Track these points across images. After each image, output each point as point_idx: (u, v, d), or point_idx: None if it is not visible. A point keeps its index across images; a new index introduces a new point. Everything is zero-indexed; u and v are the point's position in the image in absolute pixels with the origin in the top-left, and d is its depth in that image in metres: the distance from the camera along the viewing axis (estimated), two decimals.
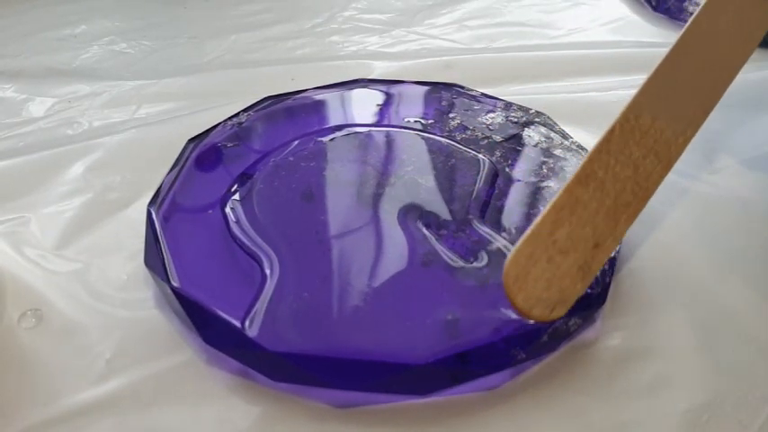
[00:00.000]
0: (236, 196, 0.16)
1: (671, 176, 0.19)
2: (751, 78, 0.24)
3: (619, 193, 0.12)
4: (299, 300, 0.13)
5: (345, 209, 0.16)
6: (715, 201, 0.18)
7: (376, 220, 0.15)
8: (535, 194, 0.16)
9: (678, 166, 0.19)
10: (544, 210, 0.12)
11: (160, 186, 0.17)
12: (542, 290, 0.11)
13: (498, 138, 0.18)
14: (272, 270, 0.14)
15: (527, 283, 0.11)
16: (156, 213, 0.15)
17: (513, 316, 0.13)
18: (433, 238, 0.15)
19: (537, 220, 0.12)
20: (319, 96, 0.21)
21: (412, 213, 0.16)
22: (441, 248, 0.14)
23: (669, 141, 0.12)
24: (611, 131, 0.12)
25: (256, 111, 0.20)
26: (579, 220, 0.12)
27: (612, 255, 0.14)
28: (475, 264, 0.14)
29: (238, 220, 0.15)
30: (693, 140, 0.21)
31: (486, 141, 0.18)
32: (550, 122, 0.19)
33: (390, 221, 0.15)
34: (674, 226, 0.17)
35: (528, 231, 0.11)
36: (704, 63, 0.13)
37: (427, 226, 0.15)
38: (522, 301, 0.11)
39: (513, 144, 0.18)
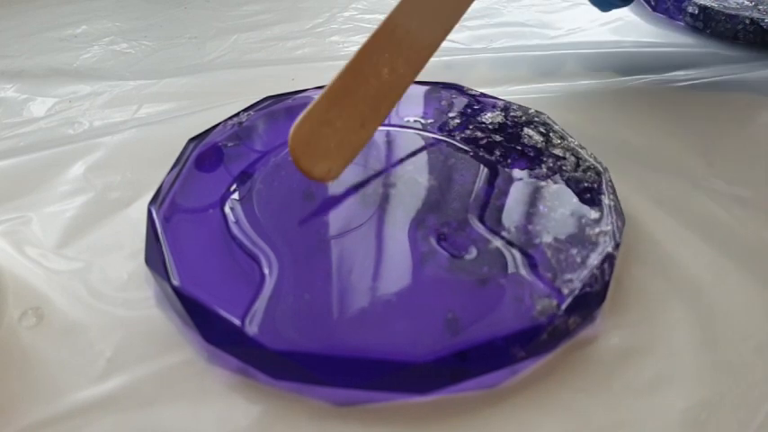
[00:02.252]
0: (236, 196, 0.16)
1: (671, 175, 0.19)
2: (751, 78, 0.24)
3: (379, 86, 0.15)
4: (299, 298, 0.13)
5: (345, 208, 0.16)
6: (714, 200, 0.18)
7: (375, 219, 0.15)
8: (534, 194, 0.16)
9: (676, 165, 0.19)
10: (320, 93, 0.15)
11: (161, 186, 0.17)
12: (320, 156, 0.15)
13: (498, 137, 0.19)
14: (270, 269, 0.14)
15: (308, 150, 0.14)
16: (157, 213, 0.15)
17: (513, 315, 0.13)
18: (433, 237, 0.15)
19: (314, 100, 0.15)
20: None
21: (411, 212, 0.16)
22: (440, 247, 0.15)
23: (419, 49, 0.16)
24: (373, 38, 0.15)
25: (257, 110, 0.20)
26: (349, 103, 0.15)
27: (612, 253, 0.14)
28: (474, 262, 0.14)
29: (238, 220, 0.15)
30: (693, 140, 0.21)
31: (485, 141, 0.18)
32: (550, 122, 0.19)
33: (390, 221, 0.15)
34: (674, 225, 0.17)
35: (306, 109, 0.14)
36: None
37: (427, 225, 0.15)
38: (304, 164, 0.14)
39: (513, 143, 0.18)
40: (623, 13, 0.30)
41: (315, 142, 0.14)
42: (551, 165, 0.17)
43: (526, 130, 0.19)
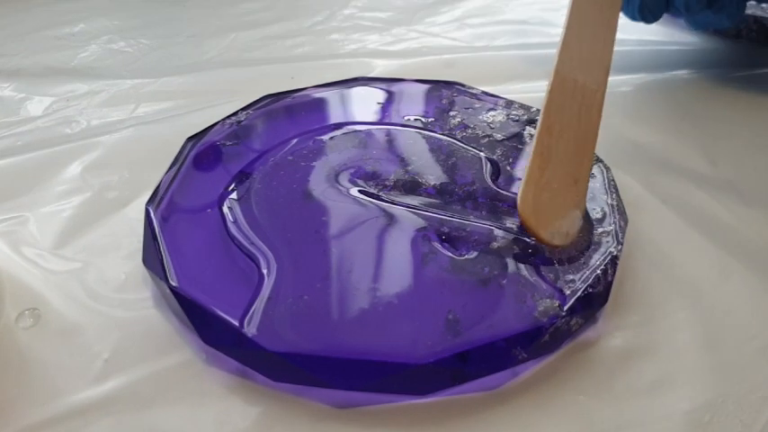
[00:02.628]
0: (234, 195, 0.16)
1: (672, 175, 0.19)
2: (752, 77, 0.24)
3: (574, 139, 0.15)
4: (297, 299, 0.13)
5: (344, 208, 0.16)
6: (715, 199, 0.18)
7: (375, 219, 0.15)
8: None
9: (679, 165, 0.19)
10: (528, 162, 0.15)
11: (158, 185, 0.17)
12: (552, 220, 0.14)
13: (499, 136, 0.18)
14: (269, 270, 0.14)
15: (540, 216, 0.14)
16: (155, 212, 0.15)
17: (515, 316, 0.13)
18: (433, 238, 0.15)
19: (526, 170, 0.15)
20: (319, 95, 0.20)
21: (411, 212, 0.16)
22: (441, 247, 0.14)
23: (591, 94, 0.16)
24: (550, 98, 0.16)
25: (255, 109, 0.20)
26: (556, 164, 0.15)
27: (615, 253, 0.14)
28: (475, 262, 0.14)
29: (236, 220, 0.15)
30: (694, 140, 0.21)
31: (486, 139, 0.18)
32: None
33: (390, 220, 0.15)
34: (676, 225, 0.17)
35: (524, 180, 0.15)
36: (593, 27, 0.17)
37: (427, 225, 0.15)
38: (542, 232, 0.14)
39: (515, 142, 0.18)
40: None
41: (542, 209, 0.14)
42: None
43: (528, 128, 0.19)
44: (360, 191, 0.16)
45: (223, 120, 0.19)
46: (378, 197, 0.16)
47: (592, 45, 0.17)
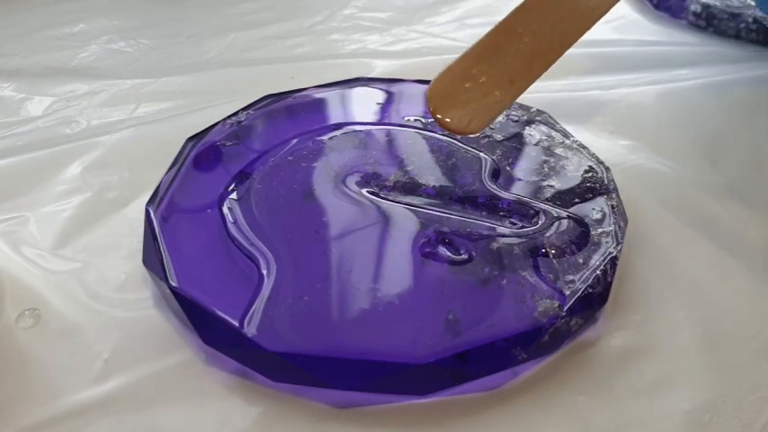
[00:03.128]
0: (234, 195, 0.16)
1: (672, 175, 0.19)
2: (752, 78, 0.24)
3: (536, 45, 0.14)
4: (297, 299, 0.13)
5: (344, 208, 0.16)
6: (716, 199, 0.18)
7: (375, 219, 0.15)
8: (536, 193, 0.16)
9: (678, 165, 0.19)
10: (466, 50, 0.14)
11: (159, 185, 0.17)
12: (460, 107, 0.14)
13: (499, 136, 0.18)
14: (268, 270, 0.14)
15: (445, 100, 0.14)
16: (155, 213, 0.15)
17: (515, 316, 0.13)
18: (433, 238, 0.15)
19: (459, 56, 0.14)
20: (319, 95, 0.20)
21: (411, 212, 0.16)
22: (441, 248, 0.14)
23: (586, 10, 0.14)
24: None
25: (256, 109, 0.20)
26: (498, 61, 0.14)
27: (614, 254, 0.14)
28: (475, 263, 0.14)
29: (236, 221, 0.15)
30: (693, 139, 0.21)
31: (486, 140, 0.18)
32: (551, 121, 0.19)
33: (390, 221, 0.15)
34: (675, 225, 0.17)
35: (449, 64, 0.14)
36: None
37: (427, 225, 0.15)
38: (442, 114, 0.14)
39: (514, 143, 0.18)
40: (625, 11, 0.30)
41: (455, 96, 0.14)
42: (553, 164, 0.17)
43: (527, 129, 0.19)
44: (360, 191, 0.16)
45: (223, 120, 0.19)
46: (378, 197, 0.16)
47: None
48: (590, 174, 0.17)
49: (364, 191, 0.16)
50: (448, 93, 0.14)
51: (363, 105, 0.20)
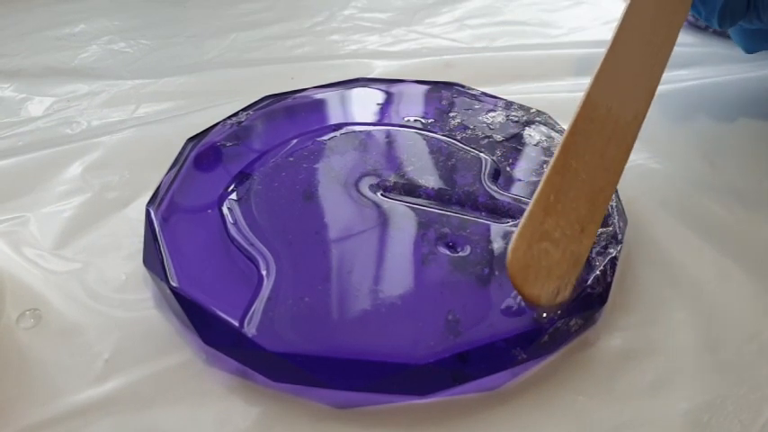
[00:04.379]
0: (234, 196, 0.16)
1: (672, 176, 0.19)
2: (751, 78, 0.24)
3: (592, 179, 0.13)
4: (297, 300, 0.13)
5: (344, 209, 0.16)
6: (715, 200, 0.18)
7: (375, 220, 0.15)
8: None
9: (678, 165, 0.19)
10: (530, 204, 0.13)
11: (159, 186, 0.17)
12: (544, 278, 0.13)
13: (499, 137, 0.18)
14: (268, 271, 0.14)
15: (529, 273, 0.12)
16: (155, 213, 0.15)
17: (514, 316, 0.13)
18: (434, 238, 0.15)
19: (525, 214, 0.13)
20: (319, 95, 0.21)
21: (411, 213, 0.16)
22: (441, 248, 0.14)
23: (624, 126, 0.14)
24: (574, 125, 0.14)
25: (256, 110, 0.20)
26: (564, 208, 0.13)
27: (614, 254, 0.14)
28: (476, 263, 0.14)
29: (236, 221, 0.15)
30: (694, 140, 0.21)
31: (486, 140, 0.18)
32: (551, 122, 0.19)
33: (390, 221, 0.15)
34: (675, 225, 0.17)
35: (520, 226, 0.13)
36: (641, 53, 0.15)
37: (427, 225, 0.15)
38: (528, 291, 0.12)
39: (514, 143, 0.18)
40: None
41: (535, 263, 0.12)
42: None
43: (527, 129, 0.19)
44: (360, 192, 0.16)
45: (223, 120, 0.19)
46: (378, 198, 0.16)
47: (637, 70, 0.14)
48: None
49: (364, 191, 0.16)
50: (529, 262, 0.12)
51: (363, 106, 0.20)
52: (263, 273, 0.14)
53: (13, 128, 0.22)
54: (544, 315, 0.13)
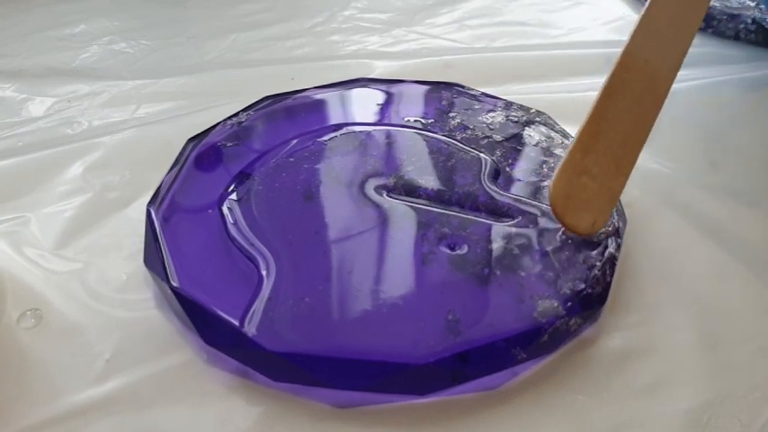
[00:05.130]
0: (234, 196, 0.16)
1: (672, 176, 0.19)
2: (751, 78, 0.24)
3: (627, 124, 0.15)
4: (298, 300, 0.13)
5: (344, 209, 0.16)
6: (715, 200, 0.18)
7: (375, 220, 0.15)
8: (536, 194, 0.16)
9: (678, 165, 0.19)
10: (571, 144, 0.14)
11: (160, 186, 0.17)
12: (583, 210, 0.14)
13: (499, 137, 0.18)
14: (268, 271, 0.14)
15: (569, 204, 0.14)
16: (156, 213, 0.15)
17: (514, 316, 0.13)
18: (434, 238, 0.15)
19: (567, 152, 0.14)
20: (319, 96, 0.21)
21: (411, 213, 0.16)
22: (441, 248, 0.14)
23: (660, 78, 0.15)
24: (614, 75, 0.15)
25: (256, 110, 0.20)
26: (602, 148, 0.14)
27: (613, 254, 0.14)
28: (476, 263, 0.14)
29: (236, 221, 0.15)
30: (694, 140, 0.21)
31: (486, 141, 0.18)
32: (551, 122, 0.19)
33: (390, 221, 0.15)
34: (675, 225, 0.17)
35: (562, 162, 0.14)
36: (678, 8, 0.15)
37: (427, 225, 0.15)
38: (569, 220, 0.14)
39: (514, 143, 0.18)
40: (625, 11, 0.30)
41: (575, 194, 0.14)
42: (552, 165, 0.17)
43: (527, 129, 0.19)
44: (359, 192, 0.16)
45: (224, 120, 0.19)
46: (378, 198, 0.16)
47: (674, 24, 0.15)
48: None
49: (364, 192, 0.16)
50: (569, 192, 0.14)
51: (363, 106, 0.20)
52: (263, 273, 0.14)
53: (13, 128, 0.22)
54: (546, 307, 0.13)
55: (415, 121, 0.19)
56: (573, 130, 0.19)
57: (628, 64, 0.15)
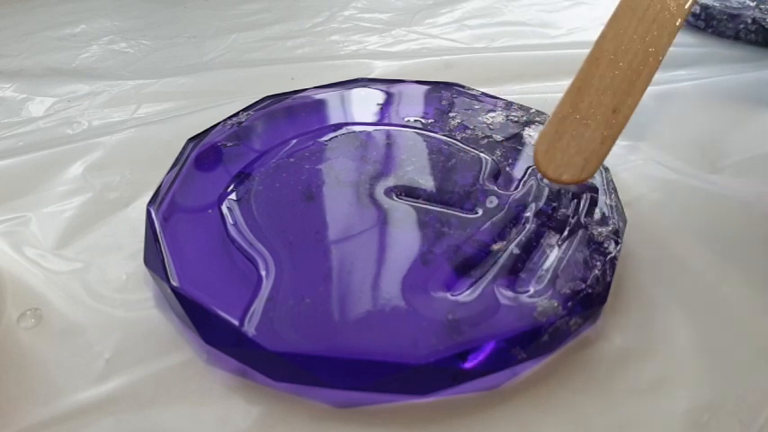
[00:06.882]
0: (234, 196, 0.16)
1: (672, 176, 0.19)
2: (751, 78, 0.24)
3: (630, 62, 0.14)
4: (297, 299, 0.13)
5: (344, 209, 0.16)
6: (715, 200, 0.18)
7: (375, 219, 0.15)
8: (536, 194, 0.16)
9: (679, 165, 0.19)
10: (565, 90, 0.14)
11: (160, 186, 0.17)
12: (570, 157, 0.13)
13: (499, 137, 0.18)
14: (267, 271, 0.14)
15: (555, 154, 0.13)
16: (156, 213, 0.15)
17: (514, 316, 0.13)
18: (434, 238, 0.15)
19: (560, 100, 0.13)
20: (319, 96, 0.21)
21: (411, 213, 0.16)
22: (441, 248, 0.14)
23: (668, 11, 0.14)
24: (617, 12, 0.14)
25: (256, 110, 0.20)
26: (597, 90, 0.13)
27: (614, 254, 0.14)
28: (475, 263, 0.14)
29: (235, 221, 0.15)
30: (693, 140, 0.21)
31: (486, 141, 0.18)
32: None
33: (390, 221, 0.15)
34: (675, 225, 0.17)
35: (552, 113, 0.13)
36: None
37: (427, 225, 0.15)
38: (552, 170, 0.13)
39: (514, 143, 0.18)
40: None
41: (561, 146, 0.13)
42: None
43: (527, 129, 0.19)
44: (359, 192, 0.16)
45: (224, 121, 0.19)
46: (378, 198, 0.16)
47: None
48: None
49: (364, 192, 0.16)
50: (553, 147, 0.13)
51: (363, 106, 0.20)
52: (263, 273, 0.14)
53: (14, 128, 0.22)
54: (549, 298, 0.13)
55: (415, 121, 0.19)
56: None
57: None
